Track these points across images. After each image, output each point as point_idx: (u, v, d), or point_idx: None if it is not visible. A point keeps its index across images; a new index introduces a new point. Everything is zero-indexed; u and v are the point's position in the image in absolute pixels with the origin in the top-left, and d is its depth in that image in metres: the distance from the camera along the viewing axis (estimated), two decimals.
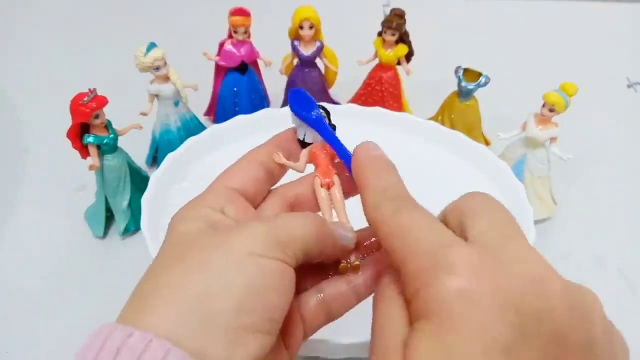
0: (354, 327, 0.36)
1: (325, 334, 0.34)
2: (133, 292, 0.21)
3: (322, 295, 0.26)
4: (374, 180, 0.24)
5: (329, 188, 0.28)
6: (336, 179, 0.28)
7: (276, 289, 0.21)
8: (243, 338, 0.20)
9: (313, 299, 0.26)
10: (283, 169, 0.28)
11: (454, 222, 0.22)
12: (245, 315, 0.20)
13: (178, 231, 0.23)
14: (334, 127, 0.28)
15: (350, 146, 0.28)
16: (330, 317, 0.26)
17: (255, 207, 0.27)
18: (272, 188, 0.28)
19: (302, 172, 0.28)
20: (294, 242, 0.23)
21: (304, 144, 0.28)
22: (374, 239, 0.27)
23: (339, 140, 0.27)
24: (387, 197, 0.23)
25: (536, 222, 0.45)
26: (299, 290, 0.26)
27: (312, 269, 0.26)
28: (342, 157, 0.27)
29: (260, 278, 0.21)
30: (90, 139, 0.44)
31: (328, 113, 0.28)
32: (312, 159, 0.28)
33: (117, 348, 0.18)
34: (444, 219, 0.23)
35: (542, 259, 0.20)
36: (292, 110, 0.27)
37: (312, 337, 0.34)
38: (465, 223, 0.21)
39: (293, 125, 0.29)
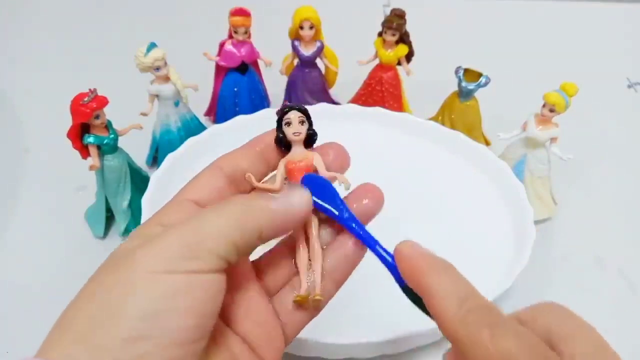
0: (353, 327, 0.36)
1: (325, 334, 0.34)
2: None
3: (296, 292, 0.24)
4: (444, 284, 0.21)
5: None
6: (314, 219, 0.25)
7: (178, 308, 0.19)
8: None
9: (289, 299, 0.24)
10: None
11: (539, 334, 0.20)
12: (135, 346, 0.18)
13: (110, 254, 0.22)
14: (315, 133, 0.26)
15: (350, 146, 0.28)
16: (312, 312, 0.25)
17: None
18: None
19: (278, 191, 0.25)
20: (209, 243, 0.20)
21: (283, 145, 0.26)
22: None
23: (376, 241, 0.24)
24: (471, 308, 0.20)
25: (536, 222, 0.45)
26: (271, 292, 0.25)
27: (279, 266, 0.25)
28: (380, 258, 0.23)
29: (156, 300, 0.19)
30: (90, 139, 0.44)
31: (308, 115, 0.26)
32: (288, 176, 0.26)
33: None
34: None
35: None
36: (315, 204, 0.24)
37: (311, 337, 0.34)
38: (556, 345, 0.19)
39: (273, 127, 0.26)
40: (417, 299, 0.22)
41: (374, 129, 0.52)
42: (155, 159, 0.56)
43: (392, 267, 0.23)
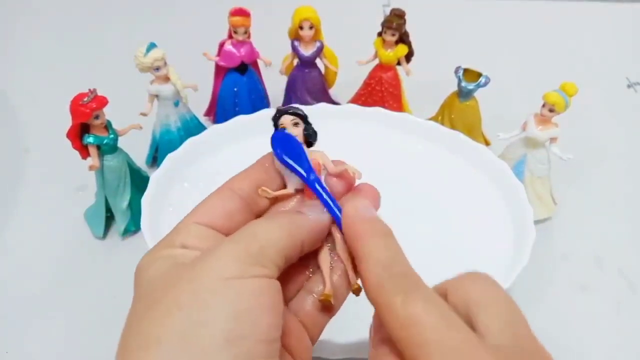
0: (353, 327, 0.36)
1: (324, 334, 0.34)
2: (118, 346, 0.20)
3: (314, 295, 0.25)
4: (373, 251, 0.21)
5: None
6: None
7: (263, 307, 0.20)
8: None
9: (307, 302, 0.25)
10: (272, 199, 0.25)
11: (459, 307, 0.21)
12: (236, 346, 0.19)
13: (144, 278, 0.21)
14: (314, 133, 0.26)
15: (350, 146, 0.28)
16: (332, 311, 0.25)
17: None
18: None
19: (295, 195, 0.25)
20: (268, 251, 0.21)
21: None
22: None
23: (330, 200, 0.24)
24: (391, 275, 0.21)
25: (536, 222, 0.45)
26: (287, 297, 0.25)
27: (292, 273, 0.25)
28: (333, 216, 0.24)
29: (242, 302, 0.19)
30: (90, 139, 0.44)
31: (305, 117, 0.26)
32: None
33: None
34: (445, 298, 0.22)
35: None
36: (282, 161, 0.24)
37: None
38: (473, 315, 0.20)
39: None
40: None
41: (374, 129, 0.52)
42: (155, 159, 0.56)
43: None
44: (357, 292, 0.24)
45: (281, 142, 0.25)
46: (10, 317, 0.43)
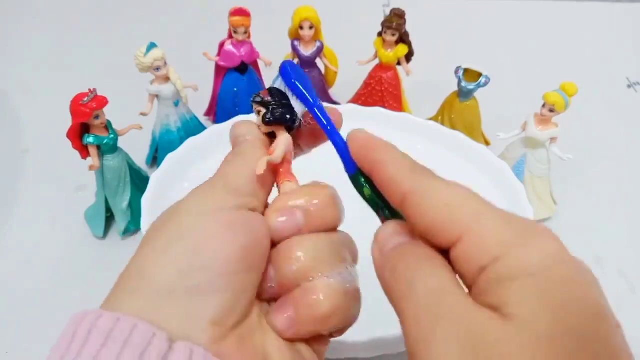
0: (354, 326, 0.36)
1: None
2: None
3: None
4: (398, 155, 0.23)
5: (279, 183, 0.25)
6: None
7: (223, 241, 0.21)
8: (194, 301, 0.19)
9: None
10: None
11: None
12: (190, 278, 0.20)
13: None
14: (276, 119, 0.26)
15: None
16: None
17: None
18: None
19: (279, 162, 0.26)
20: (231, 182, 0.23)
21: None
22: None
23: (331, 127, 0.26)
24: (422, 171, 0.23)
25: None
26: None
27: None
28: (333, 141, 0.25)
29: (201, 235, 0.21)
30: (90, 139, 0.44)
31: (262, 101, 0.26)
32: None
33: (87, 330, 0.19)
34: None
35: None
36: (291, 85, 0.25)
37: None
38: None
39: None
40: (361, 188, 0.25)
41: (374, 129, 0.51)
42: (155, 159, 0.56)
43: (347, 156, 0.25)
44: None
45: (292, 70, 0.26)
46: (10, 317, 0.43)
